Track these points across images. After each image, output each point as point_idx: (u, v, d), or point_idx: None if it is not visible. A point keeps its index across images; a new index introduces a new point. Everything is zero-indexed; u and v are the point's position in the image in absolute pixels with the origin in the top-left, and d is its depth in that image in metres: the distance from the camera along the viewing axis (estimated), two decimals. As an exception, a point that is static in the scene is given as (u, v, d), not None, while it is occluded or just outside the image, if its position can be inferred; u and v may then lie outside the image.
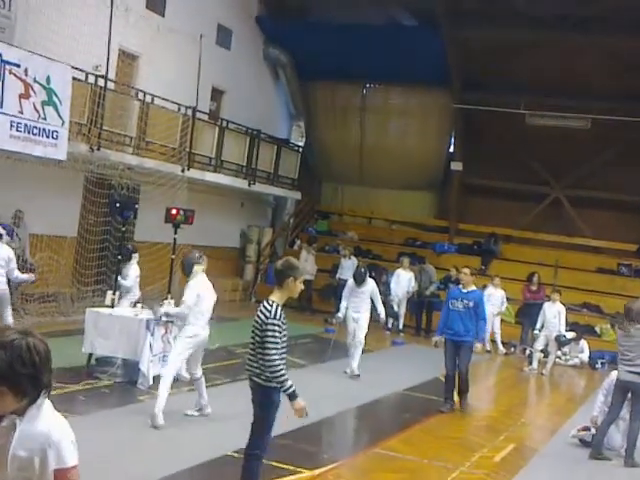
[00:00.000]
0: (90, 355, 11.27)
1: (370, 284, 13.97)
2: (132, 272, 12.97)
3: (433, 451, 9.67)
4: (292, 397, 6.46)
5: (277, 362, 6.38)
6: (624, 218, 23.15)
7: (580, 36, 20.76)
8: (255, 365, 6.52)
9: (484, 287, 20.57)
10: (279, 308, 6.45)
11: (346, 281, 14.81)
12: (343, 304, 13.84)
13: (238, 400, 11.07)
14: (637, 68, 21.07)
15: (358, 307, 13.68)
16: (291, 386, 6.43)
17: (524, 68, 21.99)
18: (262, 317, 6.42)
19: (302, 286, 6.73)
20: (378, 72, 23.71)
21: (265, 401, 6.59)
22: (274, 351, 6.36)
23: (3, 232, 11.97)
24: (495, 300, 19.47)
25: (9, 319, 12.19)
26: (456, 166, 24.53)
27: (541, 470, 9.52)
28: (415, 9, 22.70)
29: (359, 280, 13.81)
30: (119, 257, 13.04)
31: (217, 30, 21.87)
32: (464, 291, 11.90)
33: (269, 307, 6.45)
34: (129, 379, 10.92)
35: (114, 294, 11.67)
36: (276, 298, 6.55)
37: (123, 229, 12.80)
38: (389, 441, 9.92)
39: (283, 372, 6.41)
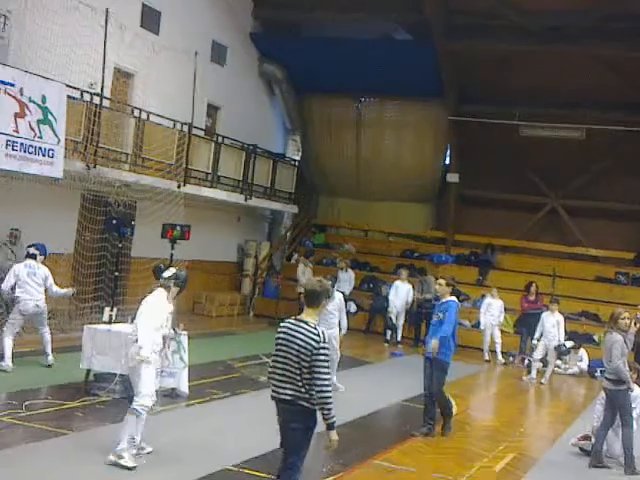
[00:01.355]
0: (88, 371, 11.26)
1: (337, 297, 13.11)
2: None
3: (433, 462, 9.67)
4: (332, 427, 6.38)
5: (329, 387, 6.29)
6: (621, 227, 23.24)
7: (573, 47, 20.87)
8: (303, 390, 6.29)
9: (482, 297, 20.69)
10: (323, 332, 6.36)
11: (343, 293, 14.65)
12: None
13: (236, 414, 11.14)
14: (631, 78, 21.21)
15: (332, 323, 12.84)
16: (334, 415, 6.33)
17: (518, 80, 22.12)
18: (312, 342, 6.26)
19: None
20: (373, 86, 23.80)
21: (311, 424, 6.43)
22: (326, 376, 6.27)
23: (37, 252, 12.59)
24: (494, 310, 19.53)
25: (47, 336, 12.63)
26: (452, 178, 24.63)
27: (542, 478, 9.50)
28: (409, 24, 22.86)
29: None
30: (116, 274, 13.05)
31: (212, 47, 21.97)
32: (439, 303, 11.10)
33: (315, 331, 6.32)
34: (127, 395, 10.85)
35: (112, 310, 11.66)
36: (312, 320, 6.44)
37: (120, 245, 12.82)
38: (389, 453, 9.92)
39: (332, 399, 6.30)
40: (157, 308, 8.39)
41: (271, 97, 25.54)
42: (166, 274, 8.60)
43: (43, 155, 14.51)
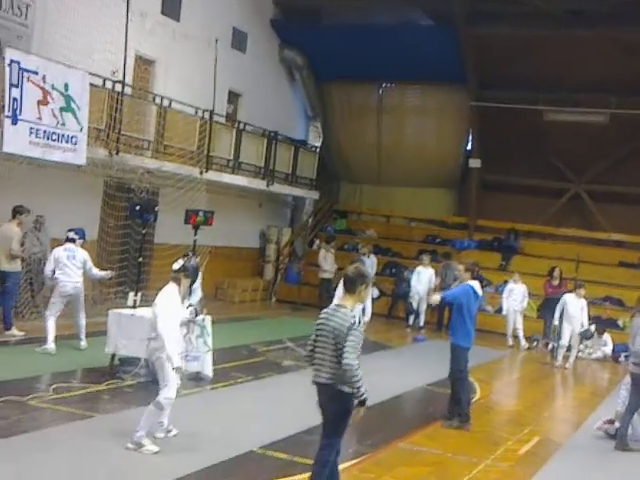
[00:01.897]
0: (113, 355, 11.36)
1: None
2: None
3: (457, 445, 9.67)
4: (362, 403, 6.48)
5: (355, 366, 6.36)
6: (645, 212, 23.02)
7: (595, 31, 20.66)
8: (340, 373, 6.45)
9: (505, 283, 20.62)
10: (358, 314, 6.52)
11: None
12: (337, 298, 13.33)
13: (261, 397, 11.20)
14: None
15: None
16: (365, 392, 6.44)
17: (541, 64, 21.91)
18: (345, 324, 6.43)
19: (376, 292, 6.82)
20: (394, 71, 23.72)
21: (348, 407, 6.56)
22: (352, 355, 6.36)
23: (76, 236, 12.94)
24: (516, 295, 19.46)
25: (82, 320, 12.97)
26: (474, 163, 24.51)
27: (566, 462, 9.48)
28: (430, 9, 22.69)
29: None
30: (140, 259, 13.14)
31: (232, 34, 21.97)
32: None
33: (350, 314, 6.51)
34: (152, 378, 10.95)
35: (136, 295, 11.75)
36: (349, 305, 6.62)
37: (143, 232, 12.87)
38: (413, 435, 9.94)
39: (361, 377, 6.40)
40: (171, 308, 8.30)
41: (292, 84, 25.52)
42: (175, 267, 8.55)
43: (66, 142, 14.60)
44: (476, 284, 10.71)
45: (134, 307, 11.61)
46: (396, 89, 25.34)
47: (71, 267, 12.78)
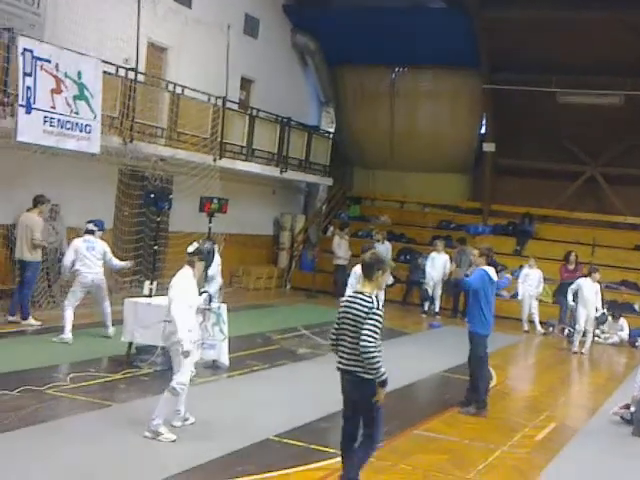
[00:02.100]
0: (130, 344, 11.39)
1: None
2: (214, 261, 13.21)
3: (474, 432, 9.66)
4: (382, 384, 6.52)
5: (374, 350, 6.40)
6: (660, 194, 22.87)
7: (609, 13, 20.43)
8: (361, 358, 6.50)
9: (520, 268, 20.53)
10: (378, 300, 6.56)
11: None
12: (351, 285, 12.82)
13: (277, 385, 11.22)
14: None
15: None
16: (384, 373, 6.47)
17: (554, 46, 21.71)
18: (364, 309, 6.51)
19: (390, 279, 6.82)
20: (407, 56, 23.57)
21: (373, 393, 6.60)
22: (371, 339, 6.40)
23: (95, 228, 13.06)
24: (532, 280, 19.39)
25: (107, 308, 13.06)
26: (488, 147, 24.38)
27: (583, 448, 9.46)
28: (442, -9, 22.59)
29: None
30: (155, 248, 13.16)
31: (244, 19, 21.86)
32: None
33: (369, 299, 6.55)
34: (169, 367, 10.96)
35: (151, 284, 11.77)
36: (369, 290, 6.66)
37: (158, 220, 12.88)
38: (430, 422, 9.94)
39: (379, 359, 6.43)
40: (185, 291, 8.31)
41: (304, 69, 25.42)
42: (189, 250, 8.54)
43: (80, 131, 14.59)
44: (491, 270, 10.62)
45: (150, 296, 11.63)
46: (409, 73, 25.18)
47: (91, 258, 12.89)
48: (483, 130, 24.97)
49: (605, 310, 17.43)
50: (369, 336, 6.41)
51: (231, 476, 7.18)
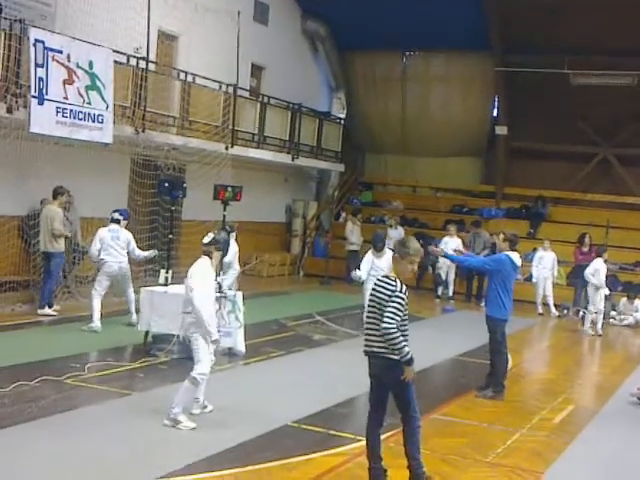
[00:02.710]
0: (147, 333, 11.45)
1: (389, 254, 12.90)
2: (231, 249, 13.28)
3: (492, 415, 9.67)
4: (408, 363, 6.54)
5: (395, 331, 6.44)
6: (674, 174, 22.72)
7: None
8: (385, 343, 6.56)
9: (534, 250, 20.48)
10: (402, 283, 6.60)
11: (393, 251, 14.47)
12: (364, 271, 13.17)
13: (293, 372, 11.26)
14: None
15: None
16: (409, 352, 6.50)
17: (565, 27, 21.55)
18: (387, 292, 6.57)
19: (413, 267, 6.77)
20: (418, 40, 23.40)
21: (401, 376, 6.63)
22: (392, 321, 6.45)
23: (120, 217, 13.26)
24: (546, 263, 19.35)
25: (131, 295, 13.19)
26: (501, 130, 24.26)
27: (602, 430, 9.46)
28: (454, -26, 22.37)
29: (379, 246, 13.14)
30: (170, 236, 13.21)
31: (254, 6, 21.80)
32: None
33: (392, 282, 6.61)
34: (186, 355, 11.02)
35: (167, 272, 11.81)
36: (393, 273, 6.73)
37: (173, 208, 12.91)
38: (447, 407, 9.95)
39: (401, 340, 6.47)
40: (204, 281, 8.35)
41: (315, 55, 25.34)
42: (205, 240, 8.59)
43: (92, 121, 14.61)
44: (514, 255, 10.52)
45: (166, 284, 11.67)
46: (420, 57, 25.06)
47: (116, 247, 13.06)
48: (495, 113, 24.85)
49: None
50: (391, 318, 6.45)
51: (251, 463, 7.21)
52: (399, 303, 6.52)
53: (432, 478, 6.93)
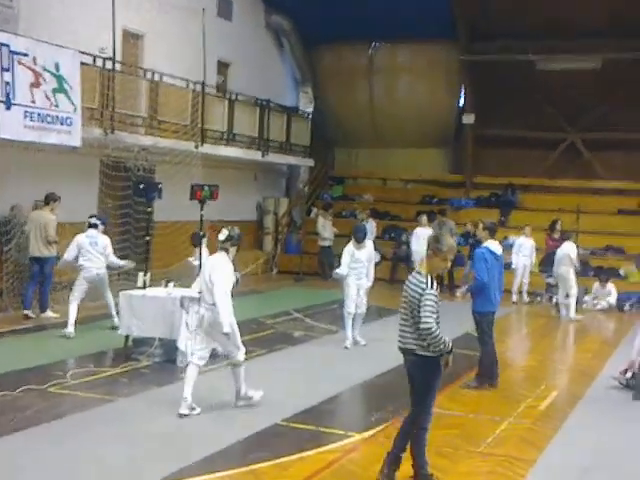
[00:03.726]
0: (127, 337, 11.32)
1: (370, 246, 13.07)
2: (203, 253, 13.22)
3: (478, 405, 9.70)
4: (450, 352, 6.64)
5: (436, 330, 6.47)
6: (640, 157, 22.96)
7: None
8: (421, 339, 6.58)
9: (505, 238, 20.53)
10: (433, 280, 6.59)
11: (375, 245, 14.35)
12: (345, 265, 12.82)
13: (278, 369, 11.20)
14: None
15: (361, 273, 12.82)
16: (448, 343, 6.58)
17: (529, 14, 21.74)
18: (419, 289, 6.55)
19: (446, 264, 6.77)
20: (384, 30, 23.38)
21: (431, 373, 6.72)
22: (429, 319, 6.46)
23: (98, 222, 13.21)
24: (525, 250, 19.38)
25: (110, 299, 13.08)
26: (468, 119, 24.39)
27: (588, 415, 9.52)
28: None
29: (359, 237, 12.84)
30: (147, 238, 13.10)
31: (218, 2, 21.63)
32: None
33: (423, 280, 6.58)
34: (167, 358, 10.98)
35: (145, 275, 11.69)
36: (424, 270, 6.68)
37: (149, 210, 12.78)
38: (433, 398, 9.93)
39: (441, 336, 6.51)
40: (229, 277, 8.71)
41: (280, 49, 25.25)
42: (221, 237, 8.81)
43: (61, 124, 14.44)
44: (493, 244, 10.54)
45: (144, 287, 11.55)
46: (386, 48, 25.10)
47: (94, 253, 12.97)
48: (462, 102, 24.95)
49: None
50: (428, 317, 6.45)
51: (247, 463, 7.16)
52: (432, 300, 6.51)
53: (435, 476, 6.91)
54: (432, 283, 6.57)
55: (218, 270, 8.64)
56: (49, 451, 7.35)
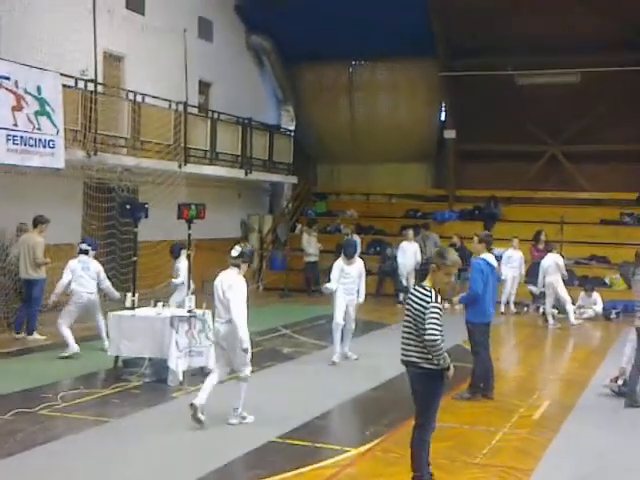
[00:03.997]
0: (116, 358, 11.24)
1: (359, 261, 13.05)
2: (182, 268, 13.32)
3: (472, 417, 9.69)
4: (448, 369, 6.68)
5: (441, 343, 6.51)
6: (622, 168, 23.22)
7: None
8: (425, 351, 6.61)
9: (490, 250, 20.58)
10: (437, 293, 6.63)
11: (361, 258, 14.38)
12: (334, 280, 12.80)
13: (269, 387, 11.13)
14: (618, 18, 21.05)
15: (351, 289, 12.81)
16: (447, 361, 6.62)
17: (508, 29, 21.91)
18: (423, 302, 6.59)
19: (449, 278, 6.82)
20: (363, 48, 23.57)
21: (434, 386, 6.78)
22: (435, 331, 6.48)
23: (89, 248, 13.13)
24: (514, 262, 19.45)
25: (101, 322, 12.93)
26: (449, 134, 24.55)
27: (582, 423, 9.53)
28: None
29: (350, 252, 12.86)
30: (134, 258, 13.01)
31: (198, 23, 21.72)
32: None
33: (428, 293, 6.62)
34: (158, 378, 10.91)
35: (133, 296, 11.63)
36: (429, 284, 6.73)
37: (136, 230, 12.73)
38: (427, 411, 9.90)
39: (443, 351, 6.55)
40: (244, 293, 8.87)
41: (261, 69, 25.35)
42: (234, 253, 8.97)
43: (44, 147, 14.42)
44: (489, 257, 10.56)
45: (133, 308, 11.49)
46: (366, 66, 25.30)
47: (86, 277, 12.91)
48: (443, 117, 25.10)
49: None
50: (433, 329, 6.48)
51: (244, 481, 7.12)
52: (437, 313, 6.54)
53: None
54: (436, 296, 6.62)
55: (234, 287, 8.76)
56: (45, 473, 7.27)
